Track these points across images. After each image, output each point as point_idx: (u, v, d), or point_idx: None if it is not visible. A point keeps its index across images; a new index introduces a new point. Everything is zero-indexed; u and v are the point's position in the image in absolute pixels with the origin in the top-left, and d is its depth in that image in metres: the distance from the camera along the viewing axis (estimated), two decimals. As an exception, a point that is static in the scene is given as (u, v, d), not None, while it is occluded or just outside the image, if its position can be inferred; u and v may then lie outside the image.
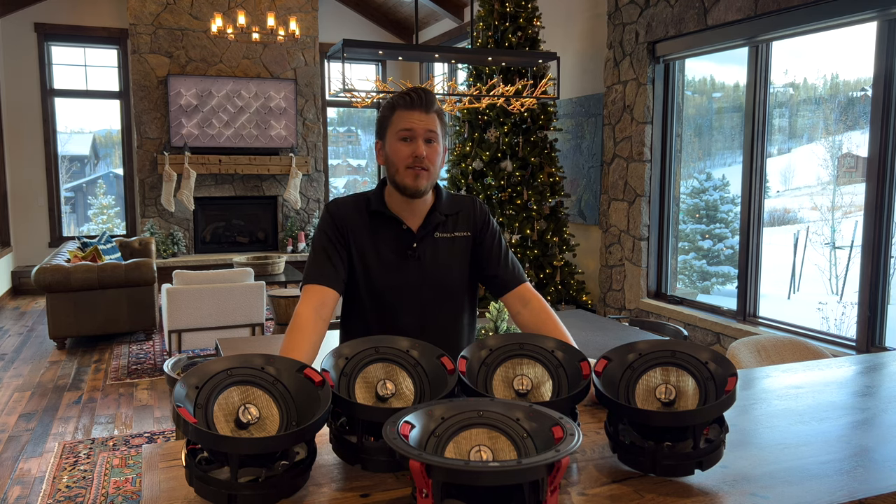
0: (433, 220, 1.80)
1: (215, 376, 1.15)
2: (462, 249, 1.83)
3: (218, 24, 6.42)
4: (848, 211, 4.85)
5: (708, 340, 4.61)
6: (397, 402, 1.27)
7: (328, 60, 4.41)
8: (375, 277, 1.78)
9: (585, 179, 6.02)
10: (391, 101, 1.75)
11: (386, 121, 1.75)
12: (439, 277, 1.80)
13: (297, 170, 8.57)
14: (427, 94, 1.72)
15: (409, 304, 1.79)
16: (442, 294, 1.81)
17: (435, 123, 1.72)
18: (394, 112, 1.73)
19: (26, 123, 8.16)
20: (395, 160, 1.72)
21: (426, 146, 1.71)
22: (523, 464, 0.94)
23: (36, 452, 3.70)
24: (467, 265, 1.85)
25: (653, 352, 1.31)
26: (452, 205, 1.86)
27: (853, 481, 1.22)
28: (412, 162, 1.70)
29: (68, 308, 5.59)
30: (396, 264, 1.78)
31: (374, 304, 1.80)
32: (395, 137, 1.72)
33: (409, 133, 1.70)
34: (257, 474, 1.10)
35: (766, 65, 4.34)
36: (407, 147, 1.70)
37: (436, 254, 1.80)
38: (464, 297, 1.87)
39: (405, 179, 1.71)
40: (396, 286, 1.78)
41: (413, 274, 1.78)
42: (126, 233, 8.80)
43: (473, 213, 1.87)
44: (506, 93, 4.56)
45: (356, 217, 1.80)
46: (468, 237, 1.84)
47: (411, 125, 1.70)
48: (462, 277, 1.84)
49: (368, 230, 1.79)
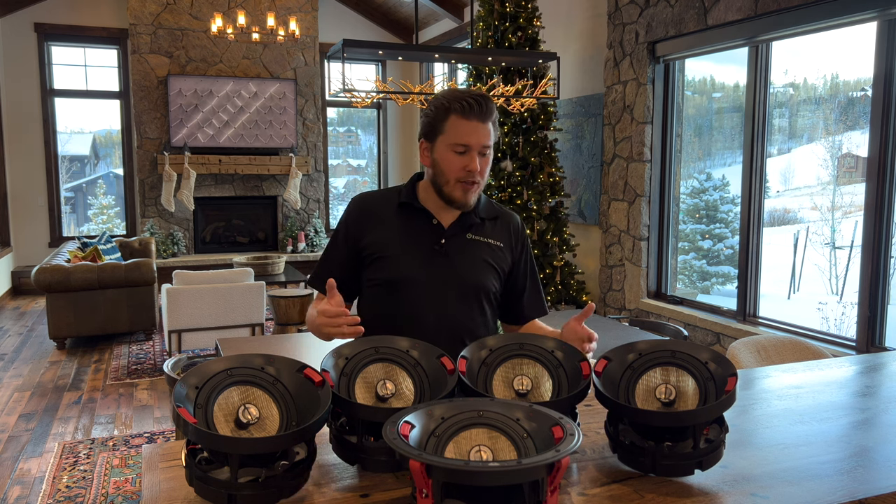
0: (467, 221, 1.72)
1: (215, 376, 1.15)
2: (493, 257, 1.74)
3: (218, 24, 6.42)
4: (848, 211, 4.85)
5: (708, 340, 4.61)
6: (397, 402, 1.27)
7: (328, 60, 4.41)
8: (394, 267, 1.69)
9: (585, 179, 6.02)
10: (445, 102, 1.62)
11: (438, 124, 1.64)
12: (465, 279, 1.71)
13: (297, 170, 8.57)
14: (487, 102, 1.61)
15: (428, 301, 1.69)
16: (464, 296, 1.71)
17: (490, 136, 1.63)
18: (448, 116, 1.62)
19: (26, 123, 8.16)
20: (444, 170, 1.64)
21: (479, 159, 1.63)
22: (523, 464, 0.94)
23: (36, 452, 3.70)
24: (496, 274, 1.75)
25: (653, 352, 1.31)
26: (490, 209, 1.78)
27: (853, 481, 1.22)
28: (465, 176, 1.62)
29: (68, 308, 5.59)
30: (420, 258, 1.69)
31: (392, 297, 1.71)
32: (448, 148, 1.63)
33: (464, 147, 1.61)
34: (257, 474, 1.10)
35: (766, 65, 4.34)
36: (460, 160, 1.62)
37: (465, 254, 1.71)
38: (486, 306, 1.76)
39: (454, 192, 1.65)
40: (416, 280, 1.68)
41: (437, 270, 1.69)
42: (126, 233, 8.80)
43: (513, 227, 1.80)
44: (506, 93, 4.56)
45: (381, 208, 1.75)
46: (502, 248, 1.76)
47: (468, 141, 1.60)
48: (486, 285, 1.73)
49: (394, 221, 1.72)
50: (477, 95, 1.62)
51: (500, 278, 1.77)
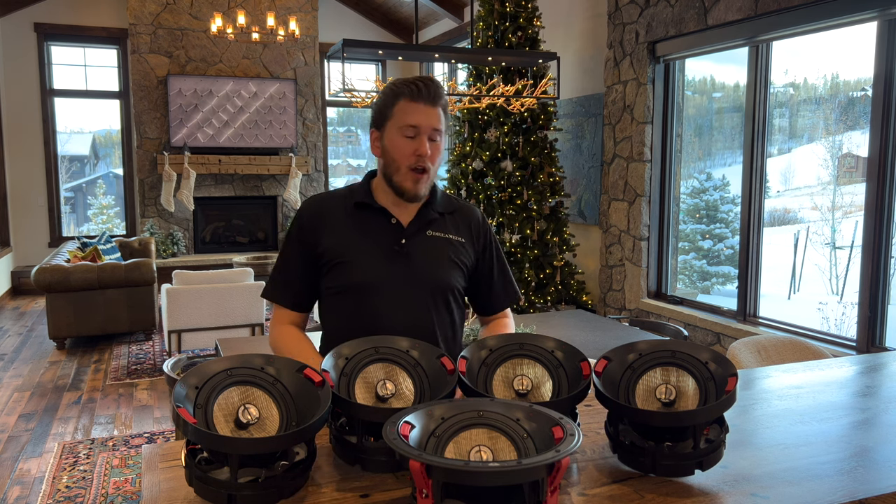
0: (426, 217, 1.67)
1: (215, 376, 1.15)
2: (455, 253, 1.69)
3: (218, 23, 6.42)
4: (848, 211, 4.85)
5: (708, 340, 4.61)
6: (397, 403, 1.27)
7: (328, 60, 4.41)
8: (355, 271, 1.63)
9: (585, 179, 6.02)
10: (394, 87, 1.60)
11: (387, 110, 1.60)
12: (428, 278, 1.65)
13: (296, 170, 8.57)
14: (435, 84, 1.58)
15: (392, 304, 1.63)
16: (429, 296, 1.66)
17: (440, 120, 1.59)
18: (397, 101, 1.58)
19: (26, 123, 8.16)
20: (395, 156, 1.59)
21: (429, 144, 1.59)
22: (523, 464, 0.94)
23: (35, 452, 3.70)
24: (460, 271, 1.70)
25: (653, 352, 1.31)
26: (448, 203, 1.74)
27: (853, 481, 1.22)
28: (415, 161, 1.58)
29: (68, 308, 5.59)
30: (381, 260, 1.63)
31: (351, 303, 1.64)
32: (397, 132, 1.58)
33: (414, 130, 1.57)
34: (257, 474, 1.10)
35: (766, 65, 4.33)
36: (409, 144, 1.58)
37: (426, 252, 1.66)
38: (452, 304, 1.71)
39: (405, 182, 1.60)
40: (379, 283, 1.62)
41: (399, 272, 1.63)
42: (126, 233, 8.80)
43: (473, 222, 1.75)
44: (506, 93, 4.56)
45: (334, 210, 1.68)
46: (463, 243, 1.71)
47: (417, 121, 1.56)
48: (451, 283, 1.68)
49: (350, 223, 1.66)
50: (425, 79, 1.59)
51: (465, 274, 1.72)
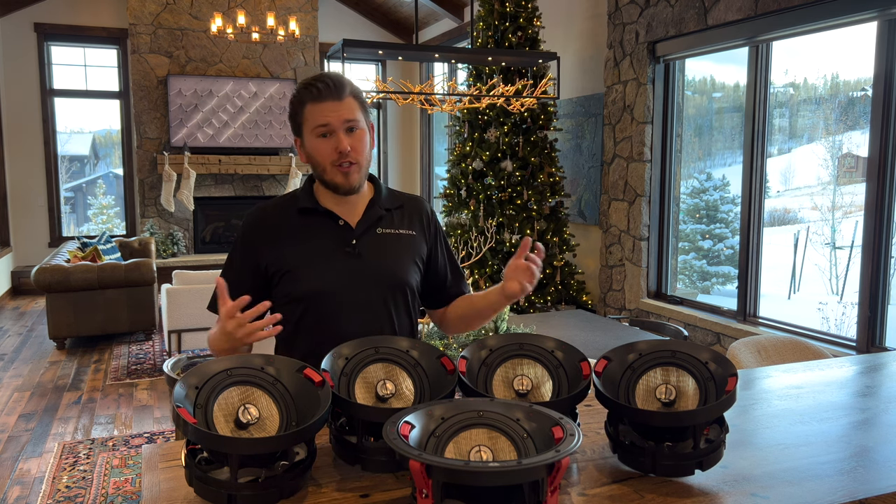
0: (374, 215, 1.64)
1: (215, 376, 1.15)
2: (408, 248, 1.66)
3: (218, 23, 6.42)
4: (848, 211, 4.84)
5: (708, 340, 4.61)
6: (397, 403, 1.27)
7: (328, 60, 4.41)
8: (308, 279, 1.58)
9: (585, 179, 6.02)
10: (298, 94, 1.57)
11: (298, 117, 1.57)
12: (383, 277, 1.62)
13: (296, 170, 8.57)
14: (336, 79, 1.55)
15: (348, 308, 1.59)
16: (388, 297, 1.62)
17: (353, 110, 1.55)
18: (303, 107, 1.55)
19: (26, 123, 8.16)
20: (318, 159, 1.57)
21: (348, 137, 1.54)
22: (523, 464, 0.94)
23: (35, 452, 3.70)
24: (416, 267, 1.67)
25: (653, 352, 1.31)
26: (394, 199, 1.70)
27: (853, 481, 1.22)
28: (337, 158, 1.54)
29: (68, 308, 5.59)
30: (332, 263, 1.59)
31: (307, 311, 1.59)
32: (313, 135, 1.55)
33: (325, 128, 1.53)
34: (257, 474, 1.10)
35: (766, 65, 4.33)
36: (327, 143, 1.54)
37: (379, 251, 1.62)
38: (411, 304, 1.68)
39: (335, 178, 1.57)
40: (332, 288, 1.58)
41: (352, 275, 1.59)
42: (126, 233, 8.80)
43: (421, 214, 1.72)
44: (506, 93, 4.56)
45: (279, 219, 1.64)
46: (414, 237, 1.68)
47: (326, 119, 1.52)
48: (408, 280, 1.65)
49: (296, 230, 1.62)
50: (325, 76, 1.55)
51: (420, 269, 1.69)
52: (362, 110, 1.58)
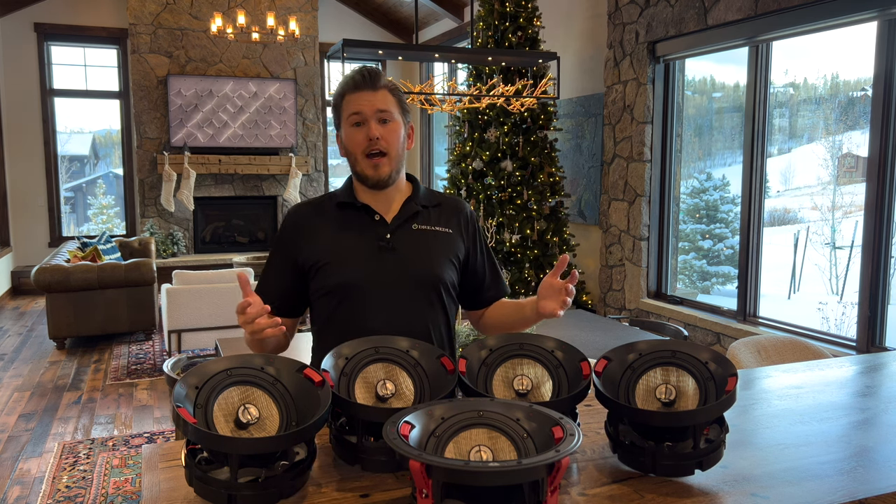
0: (409, 210, 1.65)
1: (215, 376, 1.15)
2: (444, 246, 1.66)
3: (218, 23, 6.42)
4: (848, 211, 4.84)
5: (708, 340, 4.61)
6: (397, 403, 1.27)
7: (328, 60, 4.41)
8: (341, 272, 1.60)
9: (585, 179, 6.02)
10: (338, 86, 1.62)
11: (338, 109, 1.62)
12: (416, 272, 1.62)
13: (296, 170, 8.57)
14: (373, 71, 1.60)
15: (381, 303, 1.59)
16: (421, 293, 1.62)
17: (387, 101, 1.59)
18: (342, 98, 1.60)
19: (26, 123, 8.16)
20: (351, 148, 1.60)
21: (380, 126, 1.58)
22: (523, 464, 0.94)
23: (35, 452, 3.70)
24: (451, 264, 1.67)
25: (653, 352, 1.31)
26: (432, 197, 1.72)
27: (853, 481, 1.22)
28: (367, 146, 1.57)
29: (68, 308, 5.59)
30: (367, 257, 1.60)
31: (341, 304, 1.61)
32: (348, 124, 1.60)
33: (358, 117, 1.57)
34: (257, 474, 1.10)
35: (766, 65, 4.33)
36: (359, 132, 1.58)
37: (414, 247, 1.63)
38: (446, 300, 1.67)
39: (365, 170, 1.59)
40: (366, 282, 1.59)
41: (386, 268, 1.60)
42: (126, 233, 8.80)
43: (461, 214, 1.73)
44: (506, 93, 4.56)
45: (317, 215, 1.67)
46: (451, 235, 1.68)
47: (359, 107, 1.57)
48: (442, 276, 1.64)
49: (334, 224, 1.65)
50: (363, 69, 1.60)
51: (456, 267, 1.69)
52: (398, 105, 1.61)
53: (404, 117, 1.64)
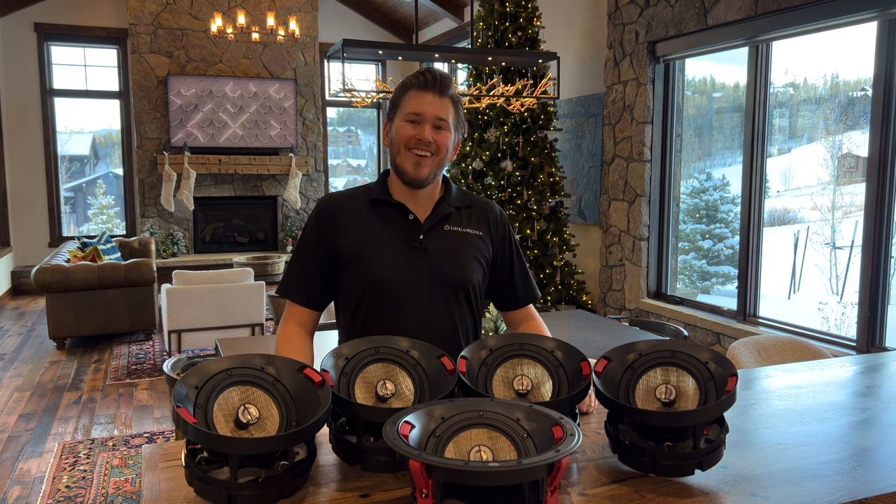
0: (442, 211, 1.66)
1: (215, 376, 1.15)
2: (475, 248, 1.68)
3: (218, 23, 6.42)
4: (848, 211, 4.84)
5: (708, 340, 4.61)
6: (397, 403, 1.27)
7: (328, 60, 4.41)
8: (374, 269, 1.62)
9: (585, 179, 6.02)
10: (405, 80, 1.63)
11: (398, 101, 1.63)
12: (446, 273, 1.63)
13: (296, 170, 8.57)
14: (444, 76, 1.61)
15: (411, 302, 1.62)
16: (449, 292, 1.64)
17: (447, 110, 1.60)
18: (406, 92, 1.61)
19: (26, 123, 8.16)
20: (396, 140, 1.61)
21: (434, 132, 1.59)
22: (523, 464, 0.94)
23: (36, 452, 3.70)
24: (479, 266, 1.69)
25: (653, 352, 1.31)
26: (464, 198, 1.73)
27: (853, 481, 1.22)
28: (414, 143, 1.58)
29: (68, 308, 5.59)
30: (399, 256, 1.62)
31: (371, 301, 1.63)
32: (404, 119, 1.60)
33: (417, 117, 1.58)
34: (257, 474, 1.10)
35: (766, 65, 4.33)
36: (412, 128, 1.59)
37: (445, 248, 1.64)
38: (473, 301, 1.70)
39: (405, 163, 1.60)
40: (398, 280, 1.61)
41: (418, 268, 1.62)
42: (126, 233, 8.80)
43: (491, 216, 1.74)
44: (506, 93, 4.56)
45: (351, 208, 1.67)
46: (481, 237, 1.70)
47: (421, 109, 1.58)
48: (472, 277, 1.67)
49: (367, 220, 1.65)
50: (434, 71, 1.62)
51: (485, 269, 1.71)
52: (456, 117, 1.63)
53: (457, 131, 1.66)
